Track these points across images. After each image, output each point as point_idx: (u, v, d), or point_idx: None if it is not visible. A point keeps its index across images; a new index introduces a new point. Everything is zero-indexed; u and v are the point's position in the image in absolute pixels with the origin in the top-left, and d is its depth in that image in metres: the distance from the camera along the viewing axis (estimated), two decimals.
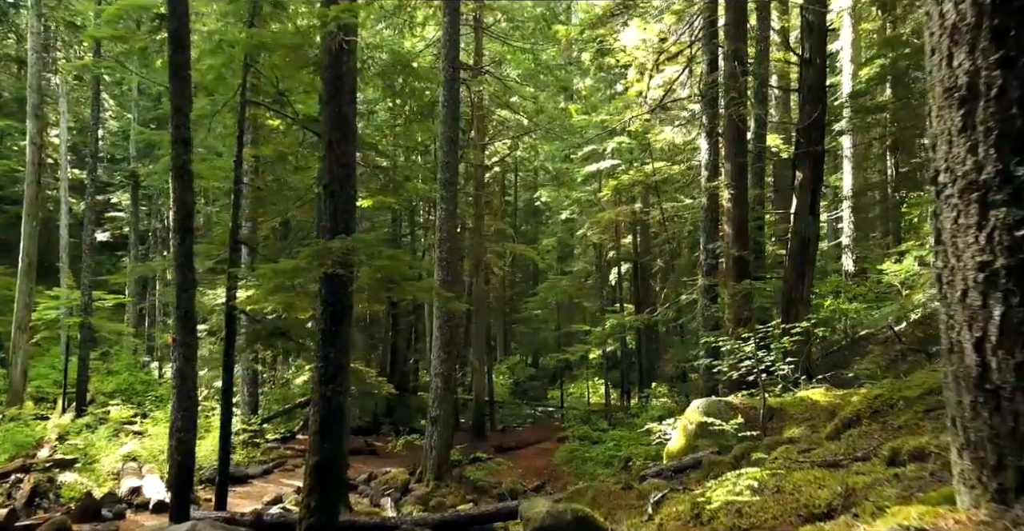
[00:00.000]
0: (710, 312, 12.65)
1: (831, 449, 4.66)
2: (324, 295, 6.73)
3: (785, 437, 7.16)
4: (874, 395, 5.51)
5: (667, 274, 25.69)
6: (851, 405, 5.67)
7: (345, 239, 6.37)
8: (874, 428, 4.98)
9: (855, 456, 4.14)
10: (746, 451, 6.74)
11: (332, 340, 6.69)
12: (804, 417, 7.68)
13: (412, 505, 12.27)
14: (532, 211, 39.88)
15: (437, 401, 14.02)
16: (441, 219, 14.28)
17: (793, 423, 7.60)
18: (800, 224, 12.04)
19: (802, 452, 4.88)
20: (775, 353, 8.61)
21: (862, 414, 5.38)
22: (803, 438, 6.49)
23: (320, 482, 6.42)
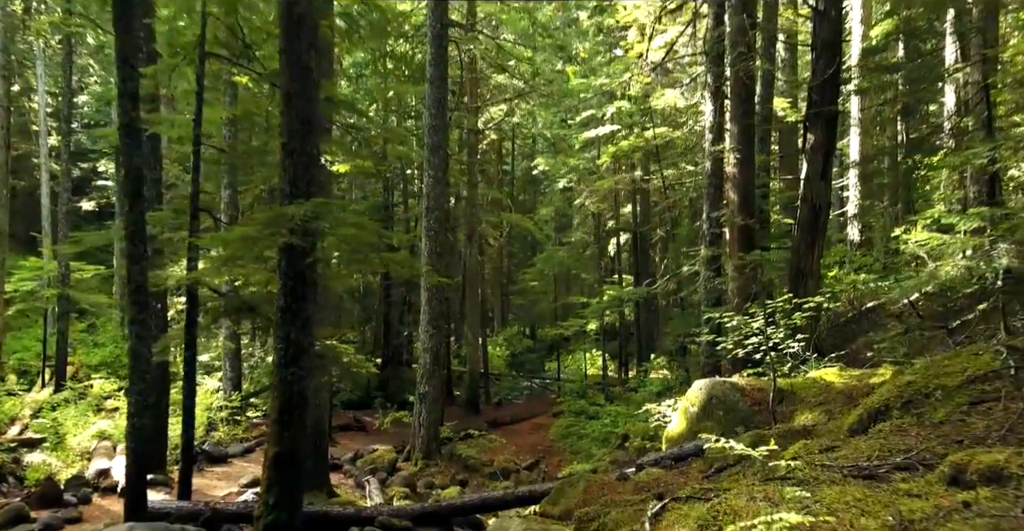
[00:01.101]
0: (713, 284, 11.93)
1: (860, 449, 3.96)
2: (283, 268, 5.99)
3: (798, 424, 6.49)
4: (905, 382, 4.80)
5: (667, 244, 24.94)
6: (878, 394, 4.96)
7: (303, 204, 5.61)
8: (908, 423, 4.28)
9: (894, 462, 3.45)
10: (755, 440, 6.07)
11: (292, 318, 5.97)
12: (817, 401, 7.00)
13: (398, 486, 11.71)
14: (530, 180, 39.00)
15: (426, 377, 13.40)
16: (428, 186, 13.48)
17: (805, 407, 6.93)
18: (811, 190, 11.25)
19: (824, 451, 4.19)
20: (783, 329, 7.91)
21: (891, 404, 4.68)
22: (820, 428, 5.81)
23: (280, 476, 5.76)
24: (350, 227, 5.95)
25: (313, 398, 10.38)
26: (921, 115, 23.15)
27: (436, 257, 13.34)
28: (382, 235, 6.11)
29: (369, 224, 6.18)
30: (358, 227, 6.01)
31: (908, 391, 4.71)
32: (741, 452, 2.77)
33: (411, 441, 13.58)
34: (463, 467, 13.73)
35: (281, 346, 5.98)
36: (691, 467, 6.58)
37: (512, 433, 18.07)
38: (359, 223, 6.03)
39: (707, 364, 11.85)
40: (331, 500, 8.28)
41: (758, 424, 7.18)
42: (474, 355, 20.65)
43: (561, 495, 6.70)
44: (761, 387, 7.64)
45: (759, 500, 3.17)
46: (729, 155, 11.70)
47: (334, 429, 16.40)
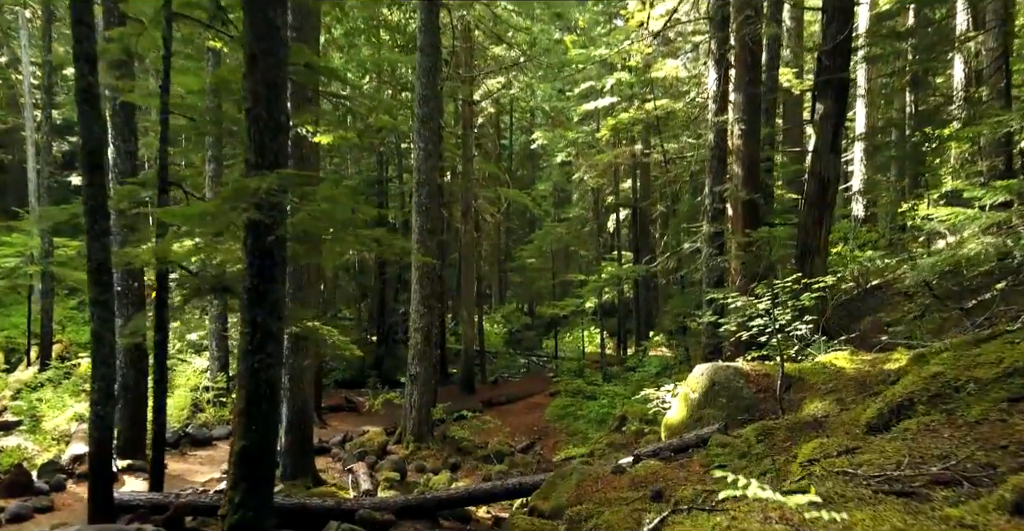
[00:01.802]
0: (715, 262, 11.43)
1: (886, 452, 3.49)
2: (249, 246, 5.47)
3: (807, 414, 6.03)
4: (931, 373, 4.32)
5: (667, 220, 24.38)
6: (901, 385, 4.48)
7: (268, 176, 5.08)
8: (937, 422, 3.81)
9: (932, 473, 2.97)
10: (761, 432, 5.62)
11: (260, 300, 5.47)
12: (827, 388, 6.53)
13: (388, 471, 11.33)
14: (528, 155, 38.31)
15: (417, 358, 12.96)
16: (419, 160, 12.91)
17: (815, 395, 6.47)
18: (820, 163, 10.68)
19: (844, 453, 3.71)
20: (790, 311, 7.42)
21: (917, 398, 4.20)
22: (833, 420, 5.34)
23: (247, 472, 5.31)
24: (322, 201, 5.43)
25: (298, 381, 9.99)
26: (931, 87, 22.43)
27: (427, 234, 12.82)
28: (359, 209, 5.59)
29: (343, 198, 5.65)
30: (330, 201, 5.49)
31: (935, 384, 4.23)
32: (755, 495, 2.26)
33: (402, 423, 13.18)
34: (456, 450, 13.35)
35: (247, 331, 5.49)
36: (692, 460, 6.13)
37: (507, 413, 17.71)
38: (331, 196, 5.50)
39: (708, 345, 11.40)
40: (311, 491, 7.88)
41: (763, 412, 6.74)
42: (469, 334, 20.22)
43: (552, 489, 6.28)
44: (767, 372, 7.18)
45: (775, 521, 2.70)
46: (733, 126, 11.12)
47: (324, 410, 16.05)
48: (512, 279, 33.73)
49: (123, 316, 10.54)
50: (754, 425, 5.95)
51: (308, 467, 10.07)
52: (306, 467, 10.01)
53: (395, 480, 11.02)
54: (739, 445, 5.64)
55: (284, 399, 10.01)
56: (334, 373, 21.63)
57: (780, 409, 6.24)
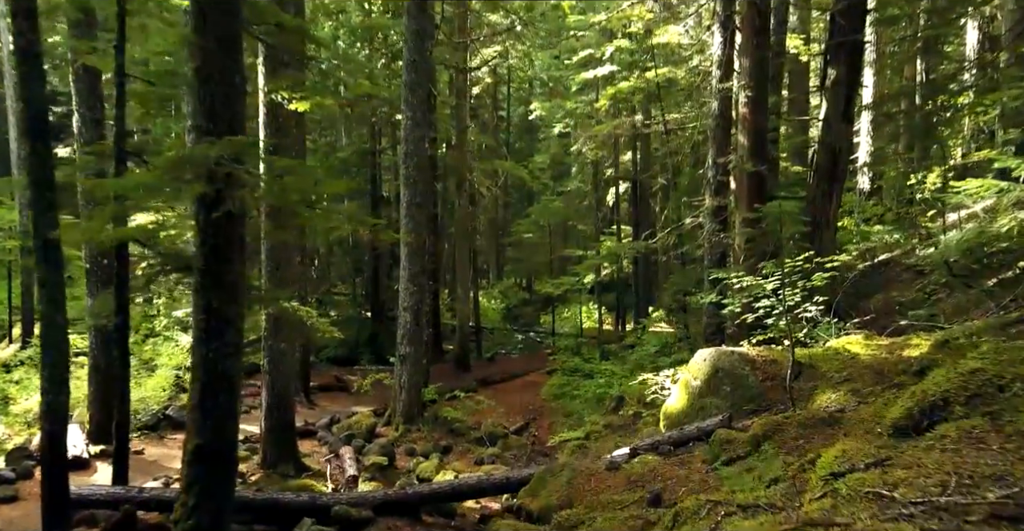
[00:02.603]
0: (718, 238, 10.85)
1: (924, 466, 2.96)
2: (201, 223, 4.90)
3: (820, 406, 5.51)
4: (969, 369, 3.78)
5: (668, 193, 23.73)
6: (933, 382, 3.94)
7: (217, 143, 4.48)
8: (981, 428, 3.27)
9: (989, 501, 2.44)
10: (770, 429, 5.10)
11: (214, 283, 4.91)
12: (841, 376, 6.01)
13: (376, 456, 10.87)
14: (527, 127, 37.52)
15: (407, 337, 12.45)
16: (407, 129, 12.24)
17: (827, 385, 5.94)
18: (830, 132, 10.08)
19: (874, 465, 3.18)
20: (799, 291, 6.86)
21: (953, 398, 3.66)
22: (850, 416, 4.81)
23: (202, 473, 4.80)
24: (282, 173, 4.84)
25: (278, 364, 9.48)
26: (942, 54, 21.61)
27: (416, 208, 12.21)
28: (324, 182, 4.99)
29: (305, 169, 5.06)
30: (293, 172, 4.90)
31: (974, 381, 3.69)
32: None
33: (392, 404, 12.72)
34: (448, 431, 12.91)
35: (200, 317, 4.94)
36: (694, 455, 5.64)
37: (502, 392, 17.27)
38: (292, 167, 4.91)
39: (710, 324, 10.88)
40: (284, 484, 7.41)
41: (770, 402, 6.22)
42: (464, 310, 19.71)
43: (542, 485, 5.79)
44: (774, 359, 6.65)
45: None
46: (739, 93, 10.46)
47: (313, 390, 15.61)
48: (509, 254, 33.15)
49: (92, 295, 10.01)
50: (762, 419, 5.43)
51: (290, 453, 9.61)
52: (288, 453, 9.56)
53: (382, 465, 10.57)
54: (745, 442, 5.13)
55: (264, 383, 9.53)
56: (326, 350, 21.16)
57: (790, 400, 5.72)
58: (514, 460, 11.92)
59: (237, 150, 4.57)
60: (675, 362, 13.85)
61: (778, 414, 5.71)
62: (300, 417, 13.26)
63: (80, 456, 9.35)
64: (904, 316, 9.41)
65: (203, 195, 4.80)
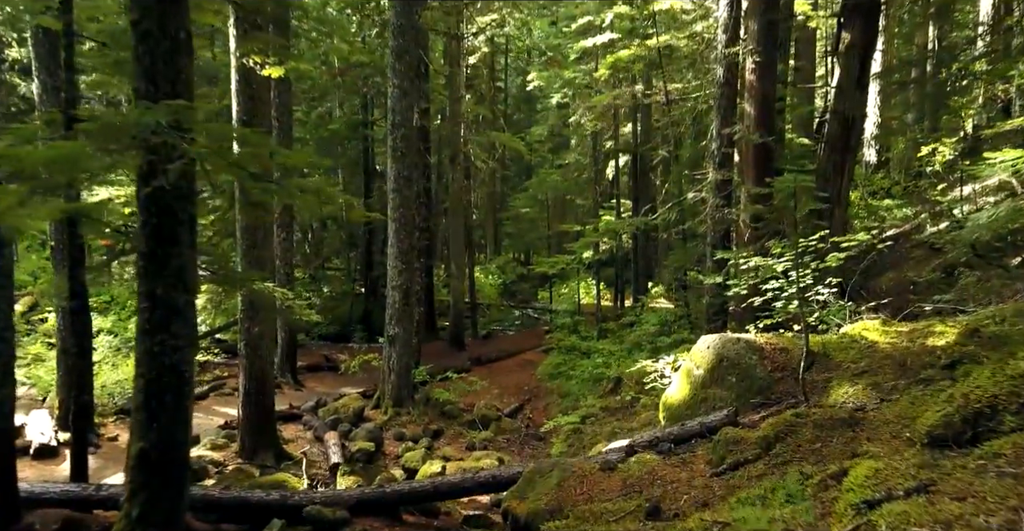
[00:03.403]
0: (721, 214, 10.27)
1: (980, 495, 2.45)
2: (142, 200, 4.32)
3: (836, 401, 4.99)
4: (1020, 372, 3.24)
5: (669, 166, 23.06)
6: (975, 383, 3.41)
7: (155, 109, 3.88)
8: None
9: None
10: (784, 428, 4.59)
11: (159, 268, 4.36)
12: (858, 367, 5.48)
13: (363, 441, 10.42)
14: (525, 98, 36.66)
15: (395, 317, 11.93)
16: (394, 98, 11.58)
17: (843, 377, 5.42)
18: (843, 100, 9.44)
19: (916, 492, 2.66)
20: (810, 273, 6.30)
21: (1002, 406, 3.14)
22: (873, 416, 4.29)
23: (148, 480, 4.30)
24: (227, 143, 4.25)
25: (255, 348, 8.97)
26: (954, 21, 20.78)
27: (404, 181, 11.60)
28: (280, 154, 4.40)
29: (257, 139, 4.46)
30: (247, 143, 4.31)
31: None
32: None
33: (380, 387, 12.26)
34: (439, 414, 12.47)
35: (145, 306, 4.40)
36: (696, 455, 5.13)
37: (497, 371, 16.83)
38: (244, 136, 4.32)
39: (712, 305, 10.35)
40: (255, 481, 6.93)
41: (780, 395, 5.71)
42: (459, 287, 19.18)
43: (530, 487, 5.29)
44: (784, 347, 6.12)
45: None
46: (746, 58, 9.79)
47: (301, 370, 15.15)
48: (505, 229, 32.53)
49: (59, 273, 9.46)
50: (773, 418, 4.92)
51: (270, 440, 9.15)
52: (268, 441, 9.10)
53: (369, 451, 10.12)
54: (754, 443, 4.62)
55: (241, 367, 9.04)
56: (318, 327, 20.67)
57: (803, 394, 5.20)
58: (507, 445, 11.51)
59: (177, 115, 3.98)
60: (676, 342, 13.37)
61: (789, 410, 5.20)
62: (286, 399, 12.84)
63: (48, 444, 8.90)
64: (919, 296, 8.89)
65: (144, 168, 4.23)
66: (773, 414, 5.40)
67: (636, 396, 10.11)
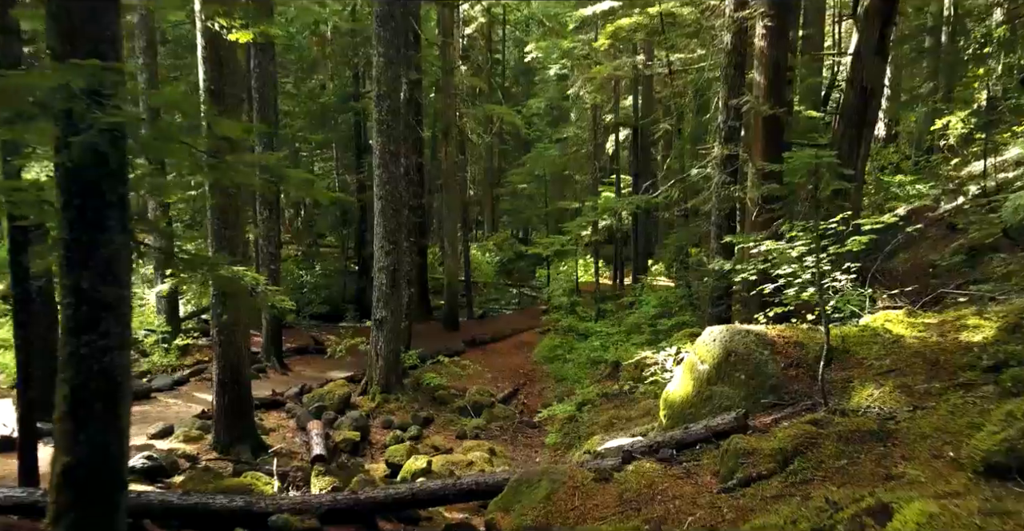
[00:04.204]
0: (727, 192, 9.63)
1: None
2: (61, 179, 3.71)
3: (859, 406, 4.43)
4: None
5: (671, 141, 22.32)
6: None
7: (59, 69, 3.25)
8: None
9: None
10: (802, 440, 4.03)
11: (85, 259, 3.75)
12: (884, 366, 4.92)
13: (348, 430, 9.93)
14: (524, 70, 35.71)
15: (382, 301, 11.37)
16: (379, 68, 10.88)
17: (866, 376, 4.86)
18: (861, 68, 8.76)
19: None
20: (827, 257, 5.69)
21: None
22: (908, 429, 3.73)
23: (74, 498, 3.75)
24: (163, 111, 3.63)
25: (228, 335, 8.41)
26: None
27: (391, 156, 10.95)
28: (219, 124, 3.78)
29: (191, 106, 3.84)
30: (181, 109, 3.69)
31: None
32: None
33: (368, 372, 11.73)
34: (430, 400, 11.96)
35: (69, 301, 3.80)
36: (702, 464, 4.59)
37: (492, 353, 16.33)
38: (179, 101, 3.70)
39: (716, 287, 9.77)
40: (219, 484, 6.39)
41: (794, 395, 5.15)
42: (453, 267, 18.60)
43: (516, 497, 4.76)
44: (798, 340, 5.55)
45: None
46: (756, 23, 9.08)
47: (288, 353, 14.63)
48: (501, 206, 31.82)
49: None
50: (788, 424, 4.36)
51: (247, 432, 8.63)
52: (245, 432, 8.57)
53: (354, 441, 9.64)
54: (768, 456, 4.07)
55: (215, 355, 8.49)
56: (309, 307, 20.14)
57: (822, 396, 4.64)
58: (500, 433, 11.01)
59: (95, 79, 3.35)
60: (677, 325, 12.82)
61: (806, 414, 4.65)
62: (270, 385, 12.33)
63: (10, 436, 8.37)
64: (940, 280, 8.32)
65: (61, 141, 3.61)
66: (787, 417, 4.86)
67: (634, 385, 9.57)
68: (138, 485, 7.02)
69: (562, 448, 9.76)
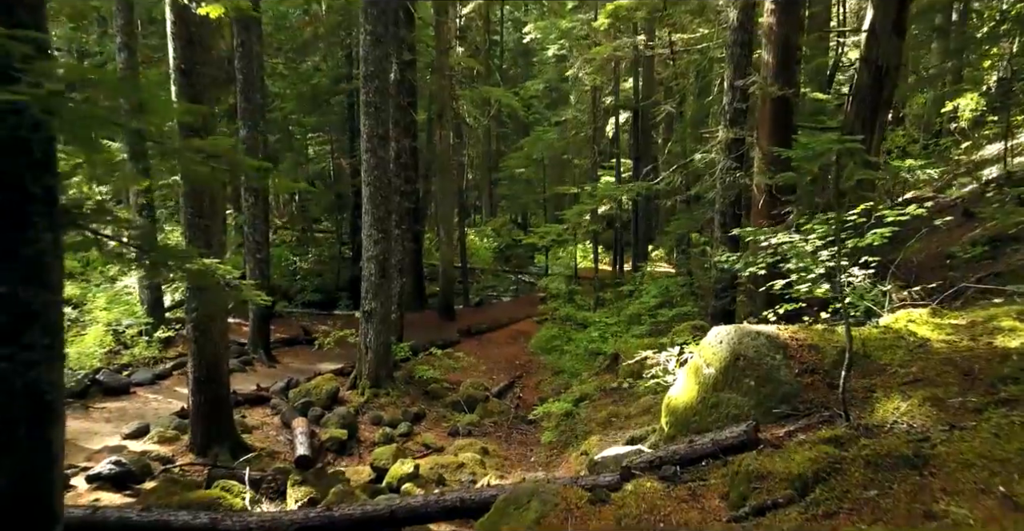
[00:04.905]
0: (733, 178, 9.12)
1: None
2: None
3: (884, 421, 3.97)
4: None
5: (672, 124, 21.74)
6: None
7: None
8: None
9: None
10: (824, 465, 3.56)
11: (5, 261, 3.28)
12: (910, 374, 4.44)
13: (335, 428, 9.52)
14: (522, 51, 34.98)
15: (371, 291, 10.90)
16: (367, 46, 10.32)
17: (890, 385, 4.39)
18: (876, 46, 8.20)
19: None
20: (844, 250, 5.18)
21: None
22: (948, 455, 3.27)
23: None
24: None
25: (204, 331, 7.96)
26: None
27: (378, 140, 10.42)
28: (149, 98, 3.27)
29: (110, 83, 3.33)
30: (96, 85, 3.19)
31: None
32: None
33: (357, 366, 11.29)
34: (422, 394, 11.55)
35: None
36: (709, 485, 4.14)
37: (488, 343, 15.90)
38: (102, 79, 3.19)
39: (721, 279, 9.29)
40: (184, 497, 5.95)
41: (810, 405, 4.68)
42: (448, 254, 18.10)
43: (504, 519, 4.32)
44: (813, 343, 5.07)
45: None
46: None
47: (276, 344, 14.19)
48: (499, 191, 31.26)
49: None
50: (806, 443, 3.90)
51: (226, 432, 8.20)
52: (222, 432, 8.14)
53: (341, 440, 9.24)
54: (785, 481, 3.61)
55: (190, 353, 8.03)
56: (301, 294, 19.69)
57: (843, 409, 4.18)
58: (494, 429, 10.59)
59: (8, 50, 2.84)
60: (678, 316, 12.37)
61: (825, 428, 4.19)
62: (256, 378, 11.90)
63: None
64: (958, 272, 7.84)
65: None
66: (802, 430, 4.40)
67: (633, 381, 9.13)
68: (104, 493, 6.61)
69: (558, 447, 9.34)
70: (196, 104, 7.31)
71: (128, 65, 12.17)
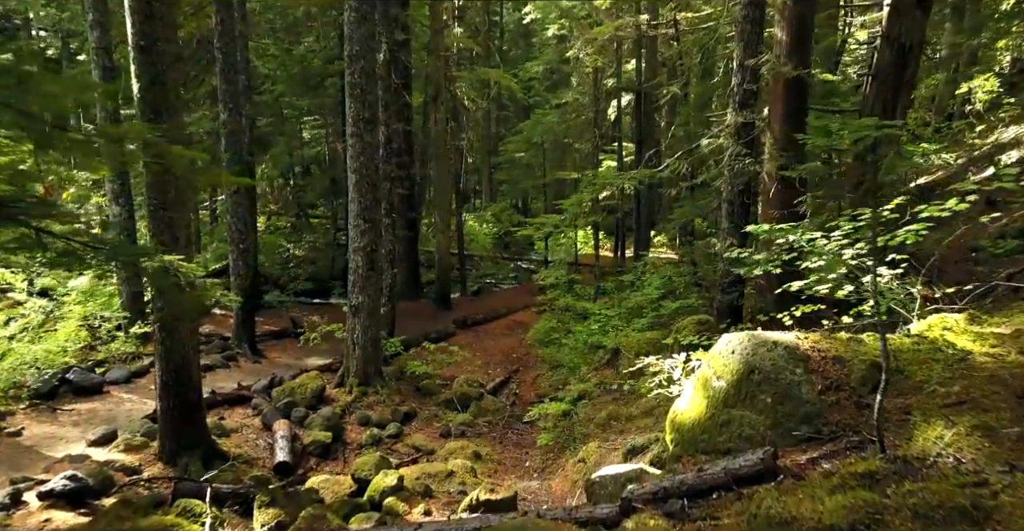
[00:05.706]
0: (742, 165, 8.49)
1: None
2: None
3: (924, 452, 3.40)
4: None
5: (675, 107, 21.01)
6: None
7: None
8: None
9: None
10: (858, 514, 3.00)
11: None
12: (953, 395, 3.87)
13: (319, 430, 9.01)
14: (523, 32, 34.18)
15: (359, 284, 10.33)
16: (351, 24, 9.65)
17: (930, 407, 3.82)
18: (899, 23, 7.56)
19: None
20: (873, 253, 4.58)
21: None
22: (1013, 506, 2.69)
23: None
24: None
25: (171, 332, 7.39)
26: None
27: (365, 125, 9.79)
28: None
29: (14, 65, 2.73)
30: None
31: None
32: None
33: (345, 363, 10.76)
34: (413, 391, 11.02)
35: None
36: (721, 525, 3.58)
37: (484, 335, 15.36)
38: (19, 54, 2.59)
39: (728, 274, 8.70)
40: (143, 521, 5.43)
41: (836, 429, 4.11)
42: (444, 242, 17.50)
43: None
44: (837, 355, 4.50)
45: None
46: None
47: (265, 336, 13.66)
48: (499, 176, 30.57)
49: None
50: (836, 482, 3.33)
51: (197, 438, 7.65)
52: (194, 439, 7.60)
53: (325, 444, 8.73)
54: (814, 527, 3.05)
55: (157, 355, 7.47)
56: (294, 283, 19.13)
57: (877, 435, 3.60)
58: (488, 430, 10.06)
59: None
60: (681, 309, 11.79)
61: (854, 456, 3.64)
62: (239, 375, 11.37)
63: None
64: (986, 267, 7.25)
65: None
66: (827, 457, 3.85)
67: (635, 384, 8.57)
68: (57, 512, 6.08)
69: (555, 450, 8.82)
70: (158, 84, 6.71)
71: (101, 43, 11.51)
